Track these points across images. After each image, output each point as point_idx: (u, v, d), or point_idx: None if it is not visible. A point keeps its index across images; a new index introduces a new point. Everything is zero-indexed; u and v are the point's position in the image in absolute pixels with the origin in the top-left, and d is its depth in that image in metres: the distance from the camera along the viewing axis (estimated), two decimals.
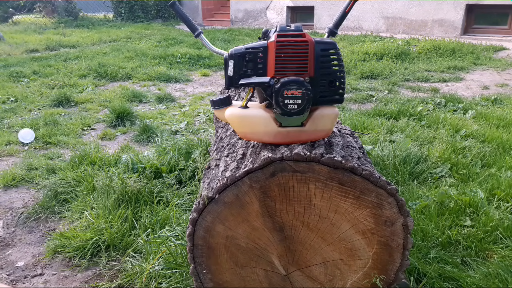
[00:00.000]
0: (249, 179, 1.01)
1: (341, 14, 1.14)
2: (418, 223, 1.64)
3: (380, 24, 7.88)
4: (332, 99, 1.04)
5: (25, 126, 3.06)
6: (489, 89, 4.12)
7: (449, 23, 7.09)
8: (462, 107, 3.32)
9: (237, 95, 1.92)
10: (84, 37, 7.84)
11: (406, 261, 1.09)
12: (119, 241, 1.65)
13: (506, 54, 5.64)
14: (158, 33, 8.43)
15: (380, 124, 2.88)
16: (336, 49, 1.01)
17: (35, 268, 1.59)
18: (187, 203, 1.86)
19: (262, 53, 0.99)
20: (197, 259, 1.10)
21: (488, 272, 1.38)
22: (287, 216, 1.05)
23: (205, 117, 3.39)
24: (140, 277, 1.43)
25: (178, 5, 1.23)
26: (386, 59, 5.29)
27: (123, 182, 1.93)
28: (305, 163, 0.99)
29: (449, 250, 1.53)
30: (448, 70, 4.97)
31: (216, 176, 1.14)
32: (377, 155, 2.28)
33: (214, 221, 1.05)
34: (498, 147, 2.47)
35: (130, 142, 2.89)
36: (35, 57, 6.00)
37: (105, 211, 1.78)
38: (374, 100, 3.78)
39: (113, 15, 11.21)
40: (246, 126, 1.06)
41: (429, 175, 2.13)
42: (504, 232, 1.59)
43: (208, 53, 6.04)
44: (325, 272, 1.11)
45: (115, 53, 6.18)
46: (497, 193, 1.88)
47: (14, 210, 2.00)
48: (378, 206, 1.02)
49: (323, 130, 1.07)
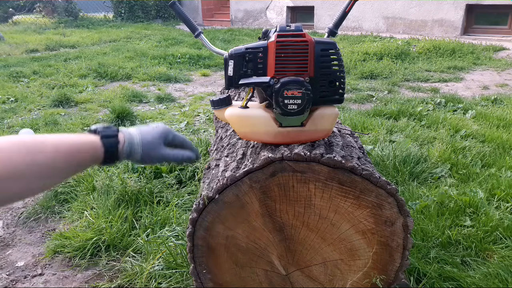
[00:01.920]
0: (249, 179, 1.01)
1: (341, 14, 1.14)
2: (418, 223, 1.64)
3: (380, 24, 7.88)
4: (332, 99, 1.04)
5: (25, 126, 3.06)
6: (489, 89, 4.12)
7: (449, 23, 7.09)
8: (462, 107, 3.32)
9: (237, 95, 1.92)
10: (84, 37, 7.84)
11: (406, 261, 1.09)
12: (119, 241, 1.65)
13: (506, 54, 5.64)
14: (158, 33, 8.43)
15: (380, 124, 2.88)
16: (336, 49, 1.01)
17: (35, 268, 1.59)
18: (187, 203, 1.86)
19: (262, 53, 0.99)
20: (197, 259, 1.10)
21: (488, 272, 1.38)
22: (287, 216, 1.05)
23: (205, 117, 3.39)
24: (140, 277, 1.43)
25: (178, 5, 1.23)
26: (386, 59, 5.29)
27: (123, 182, 1.93)
28: (305, 163, 0.99)
29: (449, 250, 1.53)
30: (448, 70, 4.97)
31: (216, 176, 1.14)
32: (377, 155, 2.28)
33: (214, 221, 1.05)
34: (498, 147, 2.47)
35: None
36: (35, 57, 6.00)
37: (105, 211, 1.78)
38: (374, 100, 3.78)
39: (113, 15, 11.21)
40: (246, 126, 1.06)
41: (429, 175, 2.13)
42: (504, 232, 1.59)
43: (208, 53, 6.04)
44: (325, 272, 1.11)
45: (115, 53, 6.18)
46: (497, 193, 1.88)
47: (14, 210, 2.00)
48: (378, 206, 1.02)
49: (323, 130, 1.07)
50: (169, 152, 0.79)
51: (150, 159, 0.76)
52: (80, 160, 0.65)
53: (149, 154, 0.76)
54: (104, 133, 0.69)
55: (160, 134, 0.78)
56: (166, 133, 0.80)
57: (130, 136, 0.73)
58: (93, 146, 0.67)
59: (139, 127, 0.77)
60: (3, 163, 0.54)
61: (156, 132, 0.78)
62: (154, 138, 0.77)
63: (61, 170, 0.62)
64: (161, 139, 0.78)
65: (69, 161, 0.62)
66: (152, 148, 0.76)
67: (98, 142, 0.68)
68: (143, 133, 0.76)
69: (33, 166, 0.57)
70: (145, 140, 0.75)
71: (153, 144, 0.76)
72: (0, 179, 0.53)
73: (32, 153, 0.57)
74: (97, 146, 0.67)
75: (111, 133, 0.70)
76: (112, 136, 0.70)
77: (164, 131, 0.80)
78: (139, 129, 0.77)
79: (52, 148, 0.60)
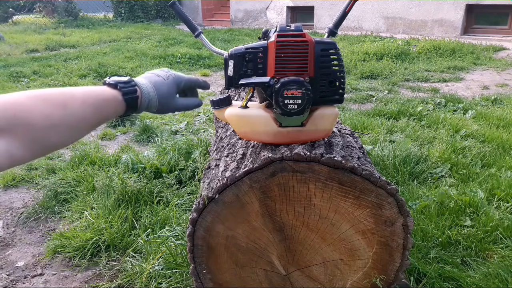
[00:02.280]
0: (249, 179, 1.01)
1: (341, 14, 1.14)
2: (418, 223, 1.64)
3: (380, 24, 7.87)
4: (332, 99, 1.04)
5: None
6: (489, 89, 4.12)
7: (449, 23, 7.09)
8: (462, 107, 3.32)
9: (237, 95, 1.92)
10: (84, 37, 7.84)
11: (406, 261, 1.09)
12: (119, 241, 1.65)
13: (506, 54, 5.64)
14: (158, 33, 8.43)
15: (380, 124, 2.88)
16: (336, 49, 1.01)
17: (35, 268, 1.59)
18: (187, 203, 1.86)
19: (262, 53, 0.99)
20: (197, 259, 1.10)
21: (488, 272, 1.38)
22: (287, 216, 1.05)
23: (205, 117, 3.39)
24: (140, 277, 1.43)
25: (178, 5, 1.23)
26: (386, 59, 5.29)
27: (123, 182, 1.93)
28: (305, 163, 0.99)
29: (449, 250, 1.53)
30: (448, 70, 4.96)
31: (216, 176, 1.14)
32: (377, 155, 2.28)
33: (214, 221, 1.05)
34: (498, 147, 2.47)
35: (130, 142, 2.89)
36: (35, 57, 6.00)
37: (105, 211, 1.78)
38: (374, 100, 3.78)
39: (113, 15, 11.20)
40: (246, 126, 1.06)
41: (429, 175, 2.13)
42: (504, 232, 1.59)
43: (208, 53, 6.04)
44: (325, 272, 1.11)
45: (115, 53, 6.18)
46: (497, 193, 1.88)
47: (14, 210, 2.00)
48: (378, 206, 1.02)
49: (323, 130, 1.07)
50: (181, 103, 0.88)
51: (164, 110, 0.84)
52: (104, 112, 0.70)
53: (164, 107, 0.83)
54: (124, 90, 0.74)
55: (172, 86, 0.84)
56: (178, 83, 0.86)
57: (147, 91, 0.79)
58: (116, 100, 0.72)
59: (152, 78, 0.82)
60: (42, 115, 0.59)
61: (168, 84, 0.84)
62: (168, 90, 0.83)
63: (89, 122, 0.67)
64: (173, 90, 0.85)
65: (96, 113, 0.67)
66: (166, 102, 0.83)
67: (120, 97, 0.73)
68: (157, 86, 0.81)
69: (66, 117, 0.62)
70: (160, 94, 0.81)
71: (167, 98, 0.83)
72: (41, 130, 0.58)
73: (64, 106, 0.62)
74: (119, 100, 0.72)
75: (131, 90, 0.75)
76: (132, 92, 0.75)
77: (175, 80, 0.86)
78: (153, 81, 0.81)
79: (81, 101, 0.65)
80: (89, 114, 0.66)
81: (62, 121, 0.61)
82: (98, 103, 0.68)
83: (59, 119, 0.61)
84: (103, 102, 0.69)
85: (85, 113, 0.65)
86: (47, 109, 0.60)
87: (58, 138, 0.62)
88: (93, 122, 0.68)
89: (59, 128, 0.61)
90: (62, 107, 0.61)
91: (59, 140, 0.62)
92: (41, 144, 0.59)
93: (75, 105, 0.64)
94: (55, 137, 0.61)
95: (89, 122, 0.67)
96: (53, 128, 0.60)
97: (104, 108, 0.69)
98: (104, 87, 0.72)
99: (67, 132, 0.63)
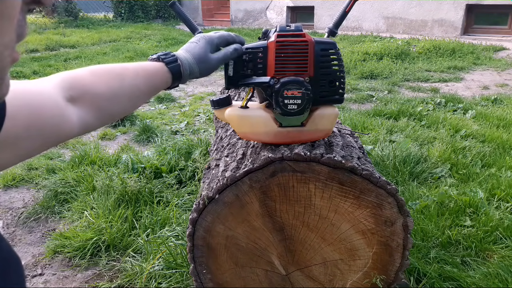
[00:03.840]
0: (249, 179, 1.01)
1: (341, 14, 1.14)
2: (418, 223, 1.64)
3: (380, 24, 7.88)
4: (332, 99, 1.04)
5: None
6: (489, 89, 4.12)
7: (449, 23, 7.09)
8: (462, 107, 3.32)
9: (237, 95, 1.92)
10: (84, 37, 7.84)
11: (406, 261, 1.09)
12: (119, 241, 1.65)
13: (506, 54, 5.64)
14: (158, 33, 8.43)
15: (380, 124, 2.88)
16: (336, 49, 1.01)
17: (35, 268, 1.59)
18: (187, 203, 1.86)
19: (262, 53, 0.99)
20: (197, 259, 1.10)
21: (488, 272, 1.38)
22: (287, 216, 1.05)
23: (205, 117, 3.39)
24: (140, 277, 1.43)
25: (178, 5, 1.23)
26: (386, 59, 5.29)
27: (123, 182, 1.93)
28: (305, 163, 0.98)
29: (449, 250, 1.53)
30: (448, 70, 4.96)
31: (216, 176, 1.14)
32: (377, 155, 2.28)
33: (214, 221, 1.05)
34: (498, 147, 2.47)
35: (130, 142, 2.89)
36: (35, 57, 6.00)
37: (105, 211, 1.78)
38: (374, 100, 3.78)
39: (113, 15, 11.20)
40: (246, 126, 1.06)
41: (429, 175, 2.13)
42: (504, 232, 1.59)
43: None
44: (325, 272, 1.11)
45: (115, 53, 6.18)
46: (497, 193, 1.88)
47: (14, 210, 2.00)
48: (378, 206, 1.02)
49: (323, 130, 1.07)
50: (220, 57, 0.88)
51: (207, 71, 0.86)
52: (155, 83, 0.76)
53: (205, 68, 0.85)
54: (167, 60, 0.79)
55: (206, 46, 0.86)
56: (210, 42, 0.87)
57: (185, 58, 0.82)
58: (162, 70, 0.77)
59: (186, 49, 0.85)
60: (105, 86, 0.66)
61: (201, 45, 0.86)
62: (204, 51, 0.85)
63: (143, 92, 0.73)
64: (207, 49, 0.86)
65: (148, 84, 0.74)
66: (205, 63, 0.85)
67: (165, 68, 0.78)
68: (192, 51, 0.84)
69: (124, 88, 0.69)
70: (197, 57, 0.84)
71: (204, 59, 0.85)
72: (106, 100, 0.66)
73: (121, 78, 0.69)
74: (165, 70, 0.78)
75: (172, 59, 0.79)
76: (174, 61, 0.79)
77: (207, 41, 0.87)
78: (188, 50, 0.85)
79: (134, 74, 0.72)
80: (142, 85, 0.72)
81: (121, 91, 0.68)
82: (148, 75, 0.74)
83: (118, 89, 0.68)
84: (152, 74, 0.75)
85: (138, 84, 0.71)
86: (109, 81, 0.67)
87: (120, 107, 0.70)
88: (146, 92, 0.74)
89: (119, 97, 0.68)
90: (120, 79, 0.69)
91: (120, 108, 0.70)
92: (106, 112, 0.67)
93: (130, 77, 0.70)
94: (117, 106, 0.69)
95: (144, 92, 0.73)
96: (114, 97, 0.67)
97: (153, 79, 0.76)
98: (149, 62, 0.78)
99: (126, 101, 0.71)
